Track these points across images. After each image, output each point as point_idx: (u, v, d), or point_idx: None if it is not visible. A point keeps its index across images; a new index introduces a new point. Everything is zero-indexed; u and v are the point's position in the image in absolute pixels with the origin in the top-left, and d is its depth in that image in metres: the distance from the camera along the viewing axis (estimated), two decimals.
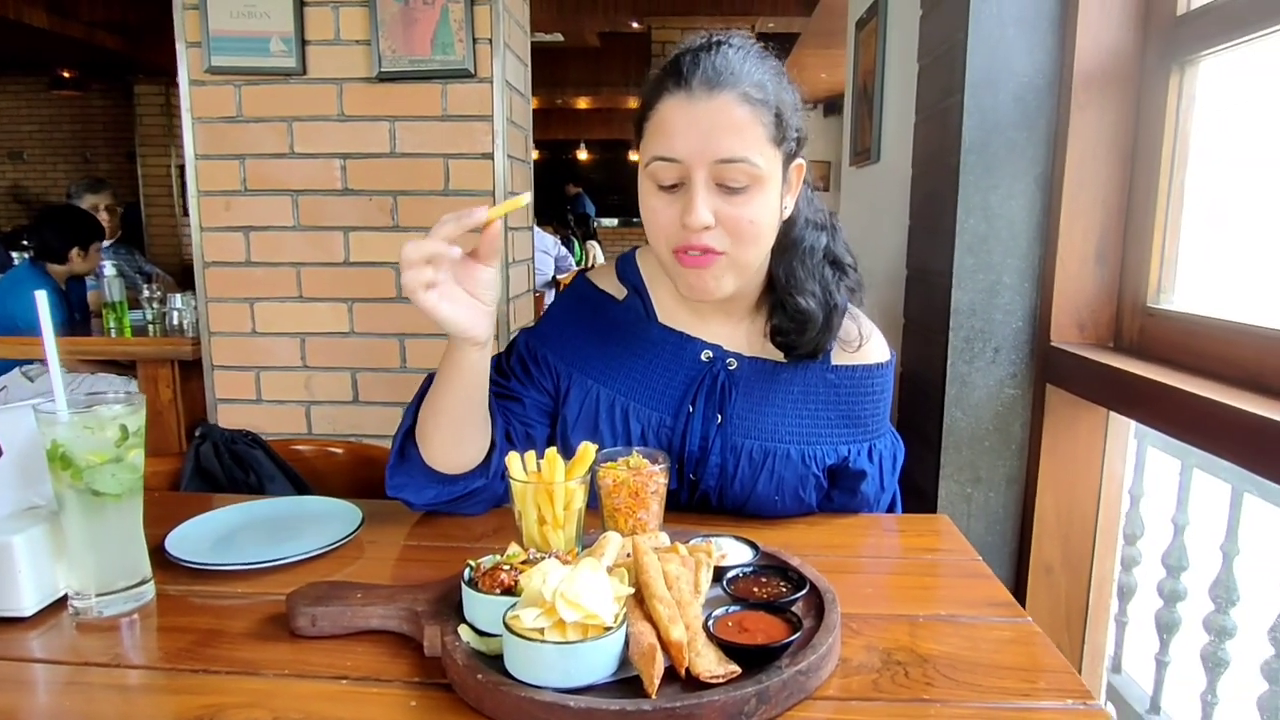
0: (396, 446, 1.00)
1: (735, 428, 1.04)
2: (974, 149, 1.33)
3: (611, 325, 1.08)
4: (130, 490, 0.80)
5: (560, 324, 1.11)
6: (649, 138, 0.93)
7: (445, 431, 0.96)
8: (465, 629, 0.71)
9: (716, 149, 0.88)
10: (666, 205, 0.92)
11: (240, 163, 2.33)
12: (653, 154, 0.91)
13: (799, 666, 0.64)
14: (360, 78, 2.25)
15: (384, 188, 2.30)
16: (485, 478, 0.99)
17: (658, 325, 1.07)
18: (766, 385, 1.05)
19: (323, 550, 0.93)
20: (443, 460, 0.97)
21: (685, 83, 0.89)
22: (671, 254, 0.94)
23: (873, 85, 1.97)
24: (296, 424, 2.44)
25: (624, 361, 1.07)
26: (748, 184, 0.90)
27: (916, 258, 1.61)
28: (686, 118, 0.89)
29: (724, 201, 0.90)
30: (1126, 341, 1.31)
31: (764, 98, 0.90)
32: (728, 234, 0.92)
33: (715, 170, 0.89)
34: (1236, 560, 1.51)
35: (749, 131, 0.89)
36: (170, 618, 0.81)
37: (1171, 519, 1.71)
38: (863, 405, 1.06)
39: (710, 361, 1.05)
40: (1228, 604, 1.52)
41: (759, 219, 0.92)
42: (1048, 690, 0.67)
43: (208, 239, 2.38)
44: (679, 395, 1.05)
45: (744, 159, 0.88)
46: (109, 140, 8.53)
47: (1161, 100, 1.22)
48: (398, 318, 2.36)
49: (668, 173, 0.91)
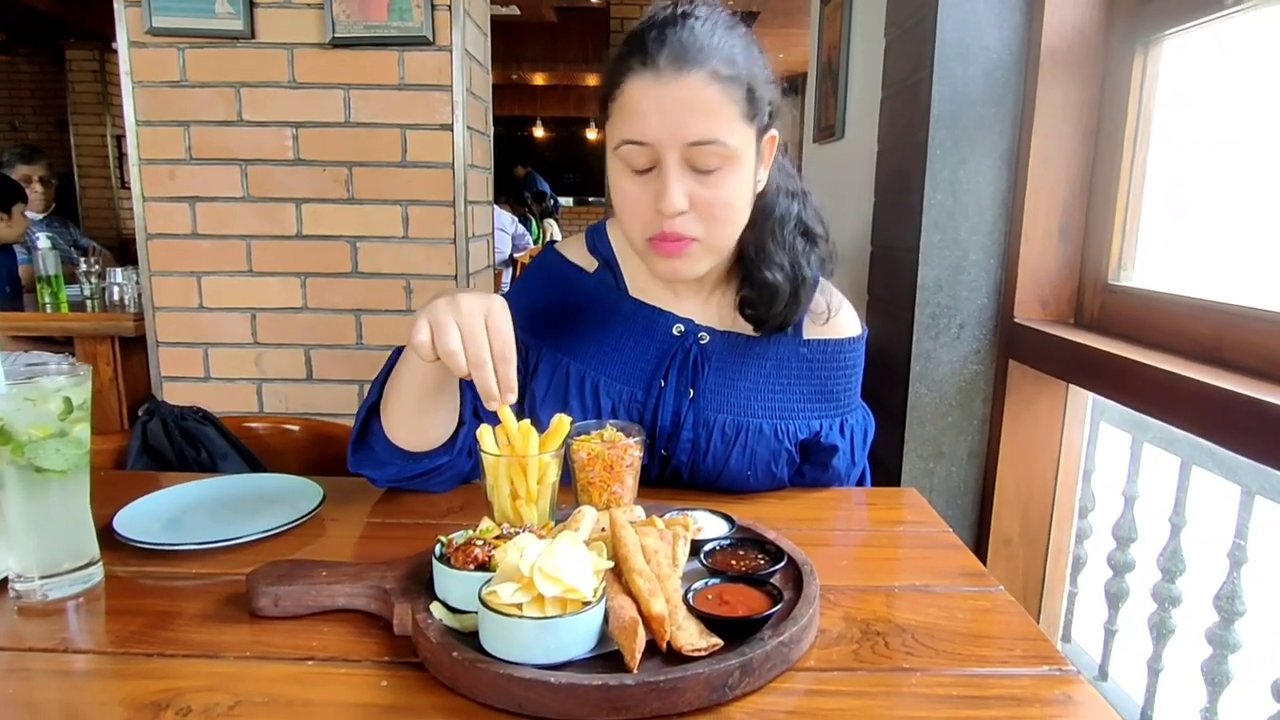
0: (359, 422, 0.97)
1: (708, 402, 1.02)
2: (942, 124, 1.34)
3: (581, 298, 1.06)
4: (76, 467, 0.76)
5: (529, 297, 1.08)
6: (616, 119, 0.89)
7: (410, 410, 0.93)
8: (437, 606, 0.68)
9: (687, 132, 0.85)
10: (639, 189, 0.90)
11: (185, 130, 2.23)
12: (622, 137, 0.88)
13: (781, 638, 0.64)
14: (312, 43, 2.16)
15: (338, 158, 2.23)
16: (450, 454, 0.96)
17: (629, 299, 1.05)
18: (739, 359, 1.04)
19: (282, 528, 0.89)
20: (406, 438, 0.94)
21: (652, 61, 0.85)
22: (645, 241, 0.92)
23: (838, 61, 1.97)
24: (247, 402, 2.36)
25: (594, 335, 1.04)
26: (720, 165, 0.87)
27: (882, 234, 1.61)
28: (655, 100, 0.85)
29: (698, 184, 0.88)
30: (1087, 318, 1.33)
31: (734, 74, 0.87)
32: (701, 218, 0.90)
33: (687, 153, 0.86)
34: (1184, 531, 1.55)
35: (721, 111, 0.86)
36: (120, 600, 0.76)
37: (1122, 492, 1.76)
38: (835, 380, 1.06)
39: (682, 336, 1.03)
40: (1175, 573, 1.57)
41: (733, 200, 0.90)
42: (1024, 657, 0.68)
43: (151, 209, 2.28)
44: (650, 370, 1.03)
45: (716, 140, 0.86)
46: (38, 108, 8.10)
47: (1125, 79, 1.24)
48: (353, 293, 2.29)
49: (639, 157, 0.88)
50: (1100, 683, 1.81)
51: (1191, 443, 1.57)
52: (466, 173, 2.24)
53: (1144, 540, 1.74)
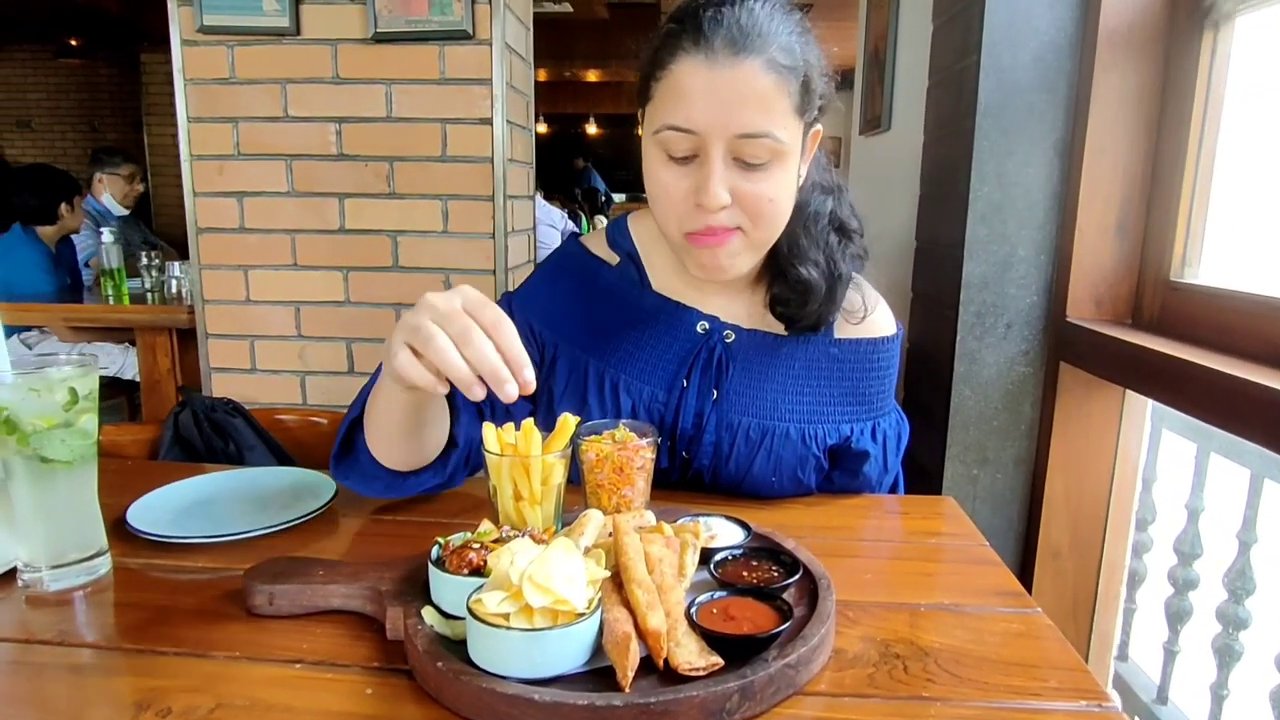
0: (341, 434, 0.90)
1: (732, 404, 0.98)
2: (990, 113, 1.26)
3: (603, 293, 1.02)
4: (82, 458, 0.76)
5: (549, 290, 1.04)
6: (661, 101, 0.84)
7: (394, 435, 0.85)
8: (430, 611, 0.66)
9: (738, 123, 0.80)
10: (678, 179, 0.85)
11: (233, 126, 2.27)
12: (665, 122, 0.83)
13: (788, 659, 0.59)
14: (355, 38, 2.18)
15: (380, 153, 2.24)
16: (442, 476, 0.92)
17: (652, 293, 1.01)
18: (766, 359, 0.99)
19: (289, 524, 0.88)
20: (390, 459, 0.88)
21: (706, 42, 0.80)
22: (683, 236, 0.88)
23: (884, 50, 1.89)
24: (291, 394, 2.40)
25: (615, 332, 1.00)
26: (769, 159, 0.83)
27: (927, 229, 1.54)
28: (706, 85, 0.80)
29: (742, 178, 0.83)
30: (1147, 317, 1.24)
31: (791, 63, 0.81)
32: (745, 213, 0.85)
33: (734, 144, 0.81)
34: (1254, 549, 1.45)
35: (775, 103, 0.81)
36: (125, 593, 0.76)
37: (1185, 504, 1.65)
38: (868, 381, 1.00)
39: (707, 334, 0.99)
40: (1243, 594, 1.46)
41: (779, 196, 0.85)
42: (1059, 690, 0.62)
43: (201, 204, 2.33)
44: (673, 369, 0.99)
45: (768, 134, 0.81)
46: (116, 110, 8.45)
47: (1192, 61, 1.15)
48: (394, 287, 2.31)
49: (681, 144, 0.83)
50: (1159, 706, 1.71)
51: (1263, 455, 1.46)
52: (506, 167, 2.23)
53: (1209, 556, 1.63)
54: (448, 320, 0.67)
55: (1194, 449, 1.68)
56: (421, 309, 0.69)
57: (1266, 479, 1.45)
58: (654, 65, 0.85)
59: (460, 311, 0.68)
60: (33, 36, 7.88)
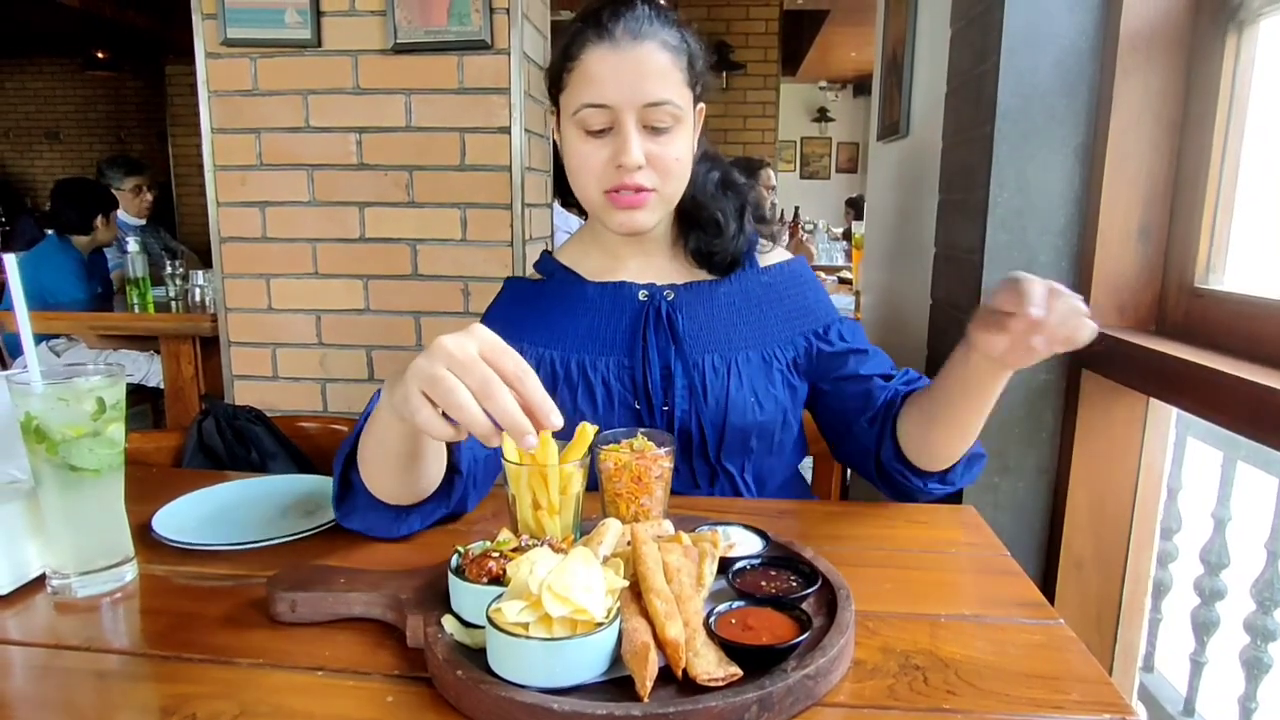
0: (338, 474, 0.86)
1: (691, 347, 1.06)
2: (1009, 116, 1.25)
3: (549, 300, 1.11)
4: (110, 466, 0.77)
5: (503, 311, 1.14)
6: (575, 87, 0.98)
7: (390, 463, 0.81)
8: (450, 620, 0.66)
9: (645, 93, 0.95)
10: (596, 150, 0.98)
11: (256, 137, 2.30)
12: (582, 101, 0.97)
13: (807, 670, 0.59)
14: (375, 49, 2.20)
15: (399, 162, 2.26)
16: (446, 506, 0.90)
17: (590, 284, 1.10)
18: (708, 303, 1.09)
19: (310, 532, 0.89)
20: (388, 494, 0.84)
21: (609, 33, 0.95)
22: (603, 195, 1.00)
23: (902, 55, 1.88)
24: (312, 401, 2.42)
25: (566, 322, 1.08)
26: (671, 124, 0.98)
27: (946, 235, 1.53)
28: (615, 66, 0.95)
29: (652, 142, 0.98)
30: (1171, 325, 1.23)
31: (678, 44, 0.99)
32: (656, 172, 0.99)
33: (643, 113, 0.96)
34: None
35: (670, 76, 0.97)
36: (151, 600, 0.77)
37: (1212, 514, 1.62)
38: (803, 294, 1.12)
39: (649, 298, 1.08)
40: (1271, 605, 1.44)
41: (683, 155, 1.01)
42: (1081, 703, 0.61)
43: (224, 214, 2.36)
44: (628, 334, 1.07)
45: (669, 101, 0.96)
46: (141, 121, 8.60)
47: (1216, 64, 1.13)
48: (413, 295, 2.32)
49: (597, 118, 0.97)
50: (1186, 718, 1.68)
51: None
52: (524, 175, 2.24)
53: (1236, 566, 1.60)
54: (466, 370, 0.64)
55: (1220, 457, 1.66)
56: (437, 356, 0.65)
57: None
58: (565, 59, 1.00)
59: (478, 360, 0.64)
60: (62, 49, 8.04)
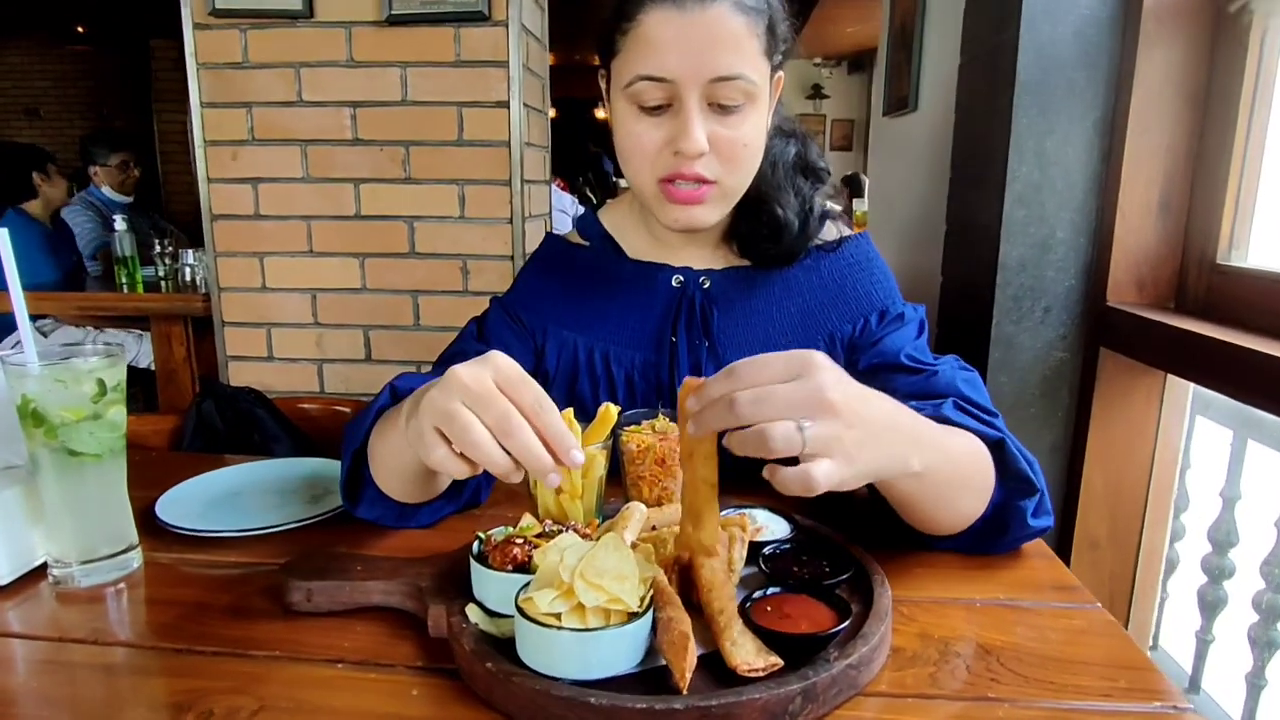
0: (346, 464, 0.81)
1: (725, 347, 0.96)
2: (1029, 89, 1.22)
3: (582, 271, 1.02)
4: (111, 450, 0.74)
5: (532, 283, 1.04)
6: (630, 54, 0.83)
7: (402, 474, 0.77)
8: (473, 609, 0.64)
9: (713, 66, 0.80)
10: (651, 129, 0.84)
11: (247, 111, 2.25)
12: (637, 72, 0.82)
13: (850, 660, 0.57)
14: (370, 21, 2.14)
15: (395, 137, 2.21)
16: (457, 503, 0.87)
17: (629, 261, 1.01)
18: (746, 293, 0.98)
19: (322, 516, 0.86)
20: (399, 495, 0.80)
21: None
22: (657, 184, 0.87)
23: (912, 27, 1.84)
24: (309, 382, 2.38)
25: (596, 306, 1.00)
26: (742, 102, 0.83)
27: (959, 211, 1.50)
28: (678, 31, 0.79)
29: (718, 123, 0.83)
30: (1191, 301, 1.21)
31: (757, 5, 0.82)
32: (720, 159, 0.85)
33: (709, 89, 0.81)
34: None
35: (745, 44, 0.81)
36: (157, 589, 0.74)
37: (1220, 492, 1.62)
38: (854, 277, 0.97)
39: (682, 286, 0.98)
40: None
41: (752, 140, 0.86)
42: (1130, 690, 0.59)
43: (215, 191, 2.31)
44: (657, 328, 0.98)
45: (741, 75, 0.81)
46: (126, 97, 8.42)
47: (1241, 37, 1.11)
48: (410, 273, 2.28)
49: (654, 93, 0.82)
50: (1191, 695, 1.68)
51: None
52: (523, 151, 2.20)
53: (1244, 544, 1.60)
54: (483, 405, 0.59)
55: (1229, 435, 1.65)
56: (451, 389, 0.59)
57: None
58: (620, 18, 0.84)
59: (495, 393, 0.59)
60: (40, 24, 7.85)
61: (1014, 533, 0.79)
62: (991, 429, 0.80)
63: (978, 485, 0.77)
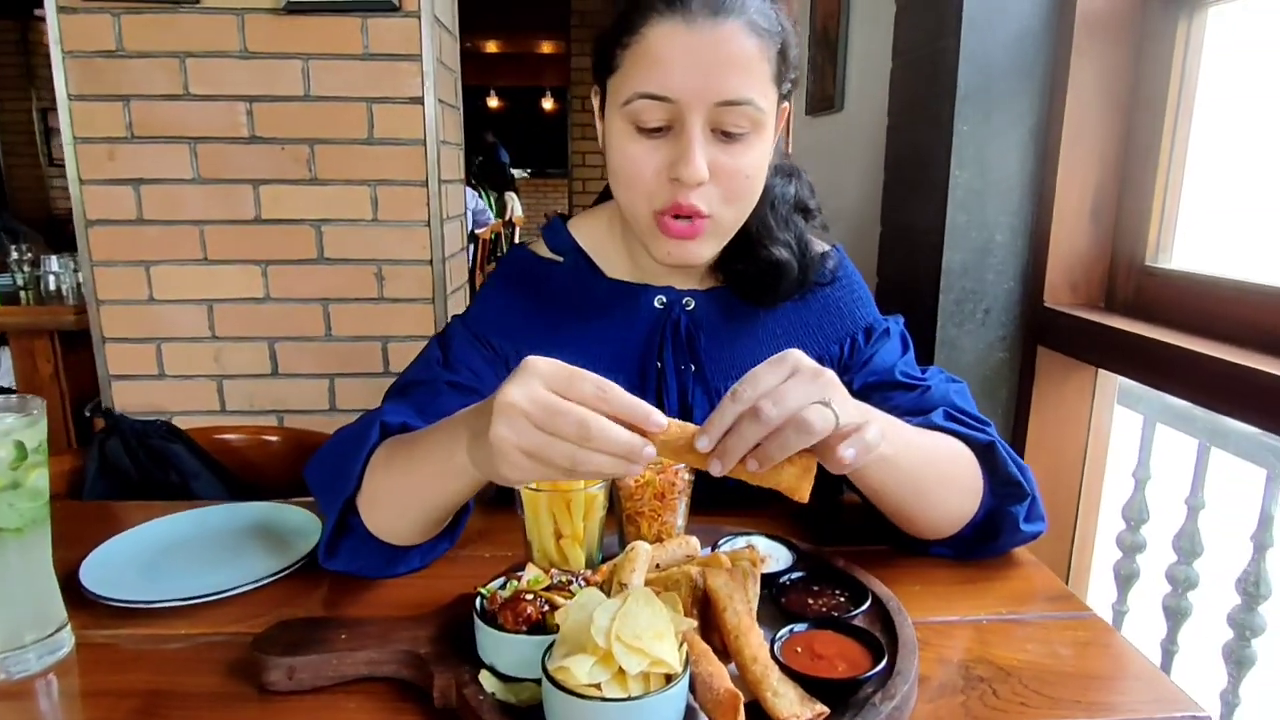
0: (334, 518, 0.75)
1: (713, 371, 0.92)
2: (969, 97, 1.25)
3: (556, 292, 0.94)
4: (34, 521, 0.63)
5: (499, 302, 0.95)
6: (630, 70, 0.77)
7: (419, 517, 0.74)
8: (487, 676, 0.59)
9: (720, 89, 0.74)
10: (649, 153, 0.78)
11: (124, 105, 2.03)
12: (638, 90, 0.76)
13: (895, 701, 0.55)
14: (265, 8, 1.98)
15: (298, 135, 2.05)
16: (451, 540, 0.82)
17: (606, 280, 0.94)
18: (731, 315, 0.94)
19: (281, 573, 0.78)
20: (401, 537, 0.76)
21: (683, 3, 0.74)
22: (653, 216, 0.80)
23: (836, 30, 1.87)
24: (208, 401, 2.19)
25: (574, 329, 0.93)
26: (748, 130, 0.77)
27: (896, 214, 1.53)
28: (686, 49, 0.74)
29: (720, 150, 0.77)
30: (1120, 301, 1.27)
31: (770, 27, 0.76)
32: (720, 189, 0.79)
33: (714, 114, 0.75)
34: (1201, 514, 1.53)
35: (756, 69, 0.76)
36: (99, 676, 0.65)
37: (1133, 474, 1.73)
38: (837, 294, 0.95)
39: (666, 307, 0.93)
40: (1191, 556, 1.55)
41: (755, 173, 0.80)
42: (1152, 702, 0.61)
43: (90, 193, 2.08)
44: (640, 352, 0.92)
45: (749, 101, 0.75)
46: None
47: (1167, 49, 1.17)
48: (320, 281, 2.13)
49: (655, 113, 0.76)
50: None
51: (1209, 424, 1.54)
52: (440, 149, 2.09)
53: (1155, 522, 1.72)
54: (556, 423, 0.56)
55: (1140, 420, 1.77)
56: (514, 422, 0.56)
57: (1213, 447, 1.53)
58: (621, 31, 0.77)
59: (559, 404, 0.56)
60: None
61: (1007, 538, 0.81)
62: (983, 434, 0.81)
63: (962, 484, 0.79)
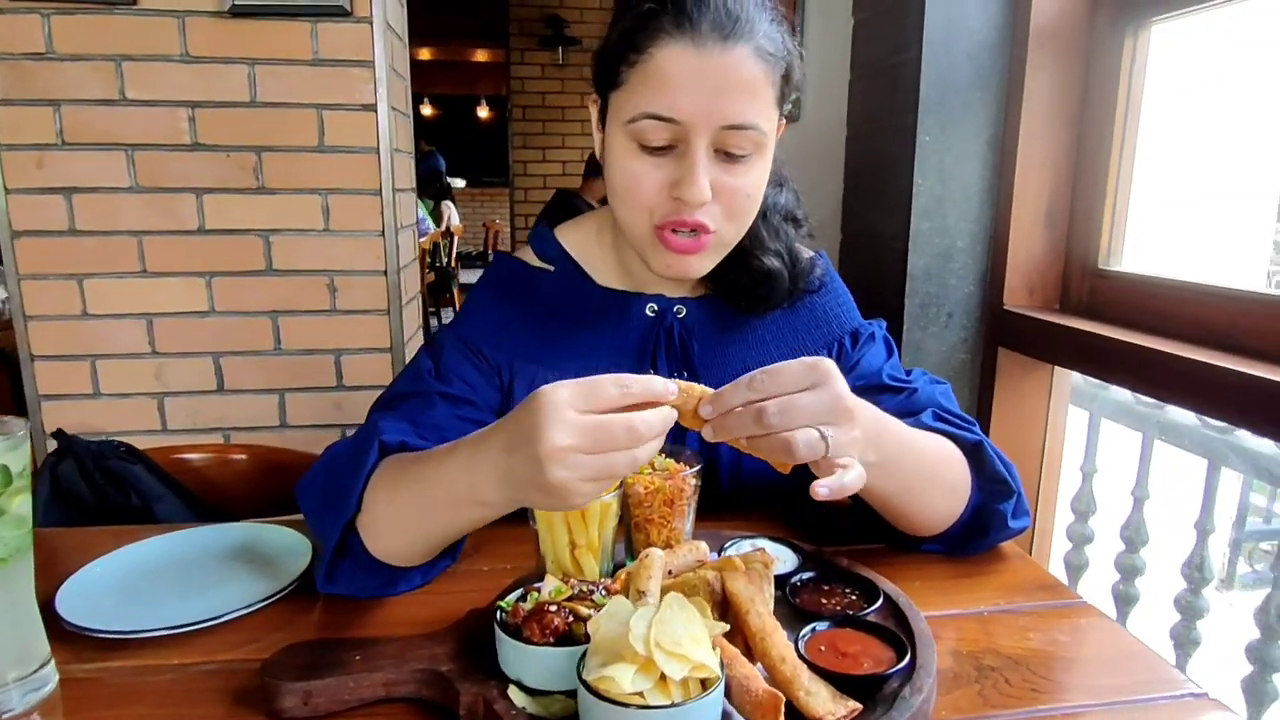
0: (334, 540, 0.72)
1: (706, 377, 0.91)
2: (930, 109, 1.30)
3: (547, 300, 0.94)
4: (17, 550, 0.60)
5: (489, 311, 0.94)
6: (636, 88, 0.78)
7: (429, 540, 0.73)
8: (516, 691, 0.58)
9: (726, 113, 0.76)
10: (651, 170, 0.79)
11: (54, 110, 1.93)
12: (643, 110, 0.77)
13: (923, 694, 0.57)
14: (208, 11, 1.90)
15: (244, 142, 1.98)
16: (453, 557, 0.81)
17: (597, 288, 0.95)
18: (723, 320, 0.96)
19: (275, 597, 0.75)
20: (405, 558, 0.75)
21: (693, 25, 0.74)
22: (653, 229, 0.81)
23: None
24: (148, 419, 2.09)
25: (567, 337, 0.93)
26: (750, 152, 0.79)
27: (858, 221, 1.57)
28: (694, 72, 0.75)
29: (723, 170, 0.79)
30: (1074, 303, 1.33)
31: (777, 51, 0.78)
32: (722, 208, 0.81)
33: (718, 136, 0.77)
34: (1147, 504, 1.61)
35: (761, 93, 0.77)
36: (90, 713, 0.61)
37: (1080, 468, 1.81)
38: (824, 299, 0.98)
39: (658, 315, 0.94)
40: (1138, 544, 1.63)
41: (755, 192, 0.82)
42: (1156, 683, 0.64)
43: (16, 202, 1.96)
44: (633, 361, 0.93)
45: (754, 125, 0.77)
46: None
47: (1114, 63, 1.23)
48: (269, 293, 2.06)
49: (660, 133, 0.77)
50: None
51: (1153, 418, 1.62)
52: (393, 158, 2.05)
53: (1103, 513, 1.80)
54: (602, 441, 0.58)
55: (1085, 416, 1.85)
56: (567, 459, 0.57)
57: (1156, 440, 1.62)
58: (627, 48, 0.78)
59: (598, 422, 0.58)
60: None
61: (995, 533, 0.84)
62: (970, 434, 0.84)
63: (950, 483, 0.81)
